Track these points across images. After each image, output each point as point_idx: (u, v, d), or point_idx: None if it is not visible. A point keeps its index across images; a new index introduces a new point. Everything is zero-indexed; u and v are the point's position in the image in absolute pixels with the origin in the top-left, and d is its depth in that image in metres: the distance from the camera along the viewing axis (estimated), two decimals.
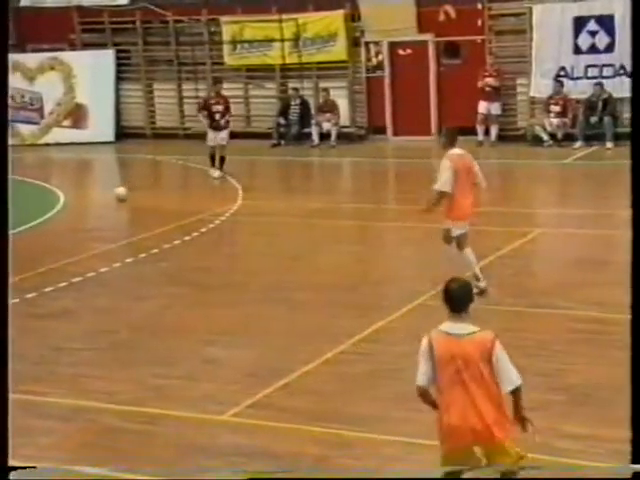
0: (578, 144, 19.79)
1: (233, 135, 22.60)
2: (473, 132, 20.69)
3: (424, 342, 5.47)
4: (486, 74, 20.63)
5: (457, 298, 5.41)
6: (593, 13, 19.87)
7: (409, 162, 19.49)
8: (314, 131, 21.68)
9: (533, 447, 6.31)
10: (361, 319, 9.35)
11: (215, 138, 17.90)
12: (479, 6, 20.59)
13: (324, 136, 21.59)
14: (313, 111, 22.13)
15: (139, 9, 23.05)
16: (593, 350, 8.23)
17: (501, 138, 20.69)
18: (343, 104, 21.87)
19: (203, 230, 13.69)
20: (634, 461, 4.38)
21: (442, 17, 20.92)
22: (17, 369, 8.54)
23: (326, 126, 21.55)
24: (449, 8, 20.82)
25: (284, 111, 22.12)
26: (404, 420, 6.96)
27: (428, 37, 21.32)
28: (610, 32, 19.73)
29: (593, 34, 19.93)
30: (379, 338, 8.87)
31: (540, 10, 20.29)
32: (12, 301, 10.45)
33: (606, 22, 19.72)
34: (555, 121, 20.14)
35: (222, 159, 18.03)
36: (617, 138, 19.55)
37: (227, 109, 18.03)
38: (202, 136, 22.82)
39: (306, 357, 8.34)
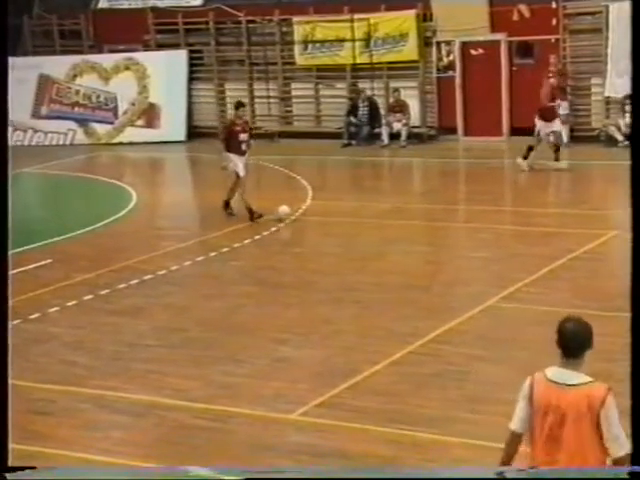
0: None
1: (304, 135, 22.74)
2: None
3: (526, 383, 4.88)
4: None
5: (571, 341, 4.79)
6: None
7: (480, 162, 19.34)
8: (384, 131, 21.63)
9: None
10: (430, 320, 9.30)
11: (244, 166, 14.67)
12: (554, 5, 20.34)
13: (394, 136, 21.53)
14: (383, 111, 22.09)
15: (212, 10, 23.24)
16: None
17: (574, 139, 20.41)
18: (414, 104, 21.78)
19: (273, 229, 13.75)
20: (634, 461, 4.27)
21: (515, 16, 20.71)
22: (91, 365, 8.70)
23: (396, 126, 21.48)
24: (523, 7, 20.61)
25: (353, 111, 22.12)
26: (473, 422, 6.91)
27: (501, 37, 21.12)
28: None
29: None
30: (448, 339, 8.82)
31: (617, 8, 19.96)
32: (86, 297, 10.68)
33: None
34: (630, 121, 19.81)
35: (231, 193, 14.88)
36: None
37: (251, 136, 15.48)
38: (272, 136, 23.01)
39: (374, 357, 8.33)
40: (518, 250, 11.99)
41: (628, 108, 19.89)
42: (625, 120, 19.90)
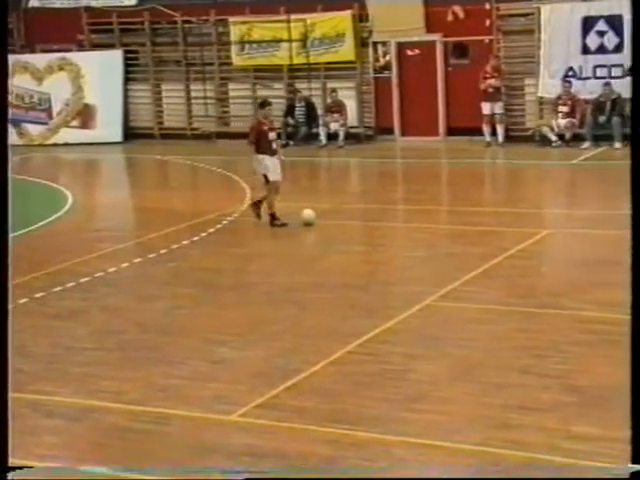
0: (586, 144, 19.77)
1: (242, 136, 22.67)
2: (482, 133, 20.71)
3: None
4: (487, 75, 20.60)
5: None
6: (602, 13, 19.86)
7: (417, 162, 19.49)
8: (322, 131, 21.70)
9: (543, 449, 6.32)
10: (369, 320, 9.34)
11: (275, 170, 13.88)
12: (487, 6, 20.58)
13: (332, 136, 21.60)
14: (320, 111, 22.14)
15: (147, 10, 23.10)
16: (604, 351, 8.21)
17: (509, 139, 20.68)
18: (351, 104, 21.89)
19: (211, 230, 13.70)
20: (634, 461, 4.35)
21: (450, 17, 20.91)
22: (26, 369, 8.58)
23: (334, 126, 21.57)
24: (457, 8, 20.82)
25: (291, 112, 22.14)
26: (413, 421, 6.96)
27: (436, 37, 21.33)
28: (619, 32, 19.71)
29: (602, 34, 19.91)
30: (387, 339, 8.87)
31: (549, 10, 20.27)
32: (21, 301, 10.52)
33: (615, 22, 19.71)
34: (563, 121, 20.12)
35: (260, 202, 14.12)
36: (626, 138, 19.53)
37: (279, 135, 15.10)
38: (209, 137, 22.90)
39: (314, 357, 8.34)
40: (455, 249, 12.11)
41: (561, 108, 20.19)
42: (558, 121, 20.20)
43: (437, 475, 6.06)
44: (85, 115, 23.55)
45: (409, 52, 21.73)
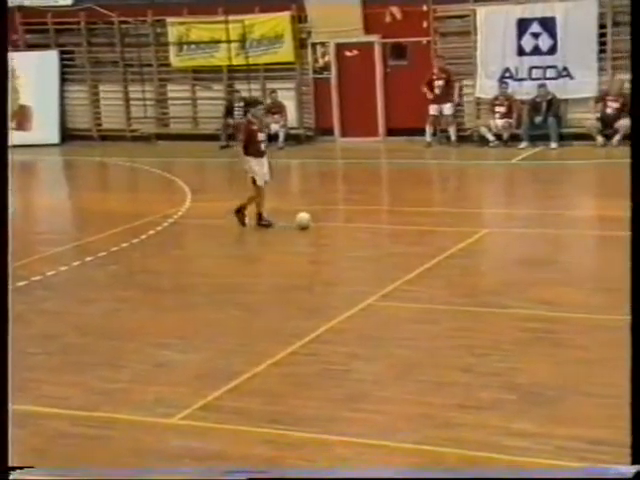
0: (523, 144, 20.03)
1: (182, 137, 22.58)
2: (421, 133, 20.86)
3: None
4: (434, 77, 20.78)
5: None
6: (536, 15, 20.12)
7: (357, 163, 19.58)
8: None
9: (482, 446, 6.40)
10: (311, 320, 9.37)
11: (264, 172, 13.65)
12: (424, 8, 20.73)
13: (272, 137, 21.58)
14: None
15: (83, 10, 22.86)
16: (542, 349, 8.34)
17: (447, 139, 20.86)
18: (291, 105, 21.91)
19: (151, 233, 13.62)
20: (634, 461, 4.38)
21: (388, 18, 21.03)
22: None
23: (274, 127, 21.55)
24: (395, 9, 20.95)
25: (230, 113, 22.09)
26: (354, 420, 7.00)
27: (374, 38, 21.43)
28: (552, 34, 20.01)
29: (536, 36, 20.19)
30: (329, 339, 8.90)
31: (484, 12, 20.49)
32: None
33: (548, 24, 19.99)
34: (500, 122, 20.36)
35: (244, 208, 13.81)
36: (561, 138, 19.85)
37: (269, 136, 14.72)
38: (148, 138, 22.75)
39: (256, 359, 8.34)
40: (396, 249, 12.20)
41: (498, 109, 20.43)
42: (495, 121, 20.44)
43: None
44: (21, 117, 23.23)
45: (348, 53, 21.81)
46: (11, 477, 4.22)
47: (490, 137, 20.37)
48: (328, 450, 6.57)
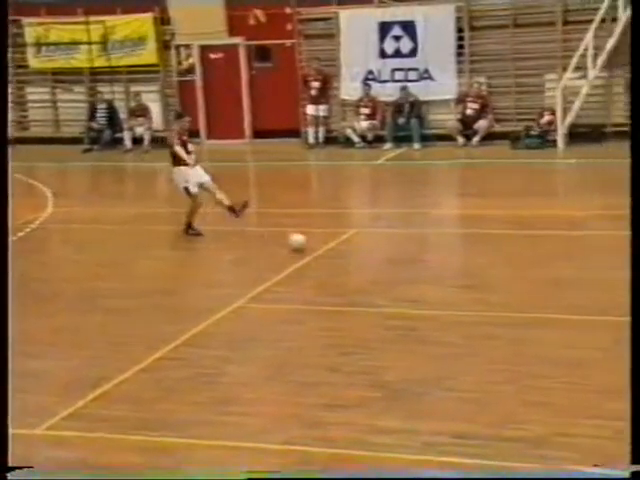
0: (388, 145, 20.36)
1: (43, 141, 22.06)
2: (290, 134, 20.94)
3: None
4: (310, 78, 20.91)
5: None
6: (397, 19, 20.49)
7: (225, 165, 19.49)
8: (126, 136, 21.39)
9: (348, 444, 6.46)
10: (179, 324, 9.28)
11: (196, 180, 13.45)
12: (288, 10, 20.84)
13: (137, 141, 21.32)
14: (124, 115, 21.83)
15: None
16: (407, 346, 8.48)
17: (316, 140, 21.02)
18: (155, 108, 21.68)
19: (13, 239, 13.25)
20: (634, 461, 4.42)
21: (252, 21, 21.05)
22: None
23: (139, 130, 21.32)
24: (258, 12, 20.98)
25: (93, 115, 21.72)
26: (224, 423, 6.97)
27: (239, 40, 21.42)
28: (413, 37, 20.41)
29: (398, 39, 20.56)
30: (197, 343, 8.84)
31: (346, 15, 20.74)
32: None
33: (409, 28, 20.39)
34: (365, 123, 20.64)
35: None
36: (424, 139, 20.27)
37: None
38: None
39: (122, 365, 8.21)
40: (266, 251, 12.21)
41: (362, 110, 20.71)
42: (360, 122, 20.71)
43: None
44: None
45: (212, 55, 21.73)
46: (10, 477, 4.05)
47: (355, 138, 20.62)
48: (199, 454, 6.53)
